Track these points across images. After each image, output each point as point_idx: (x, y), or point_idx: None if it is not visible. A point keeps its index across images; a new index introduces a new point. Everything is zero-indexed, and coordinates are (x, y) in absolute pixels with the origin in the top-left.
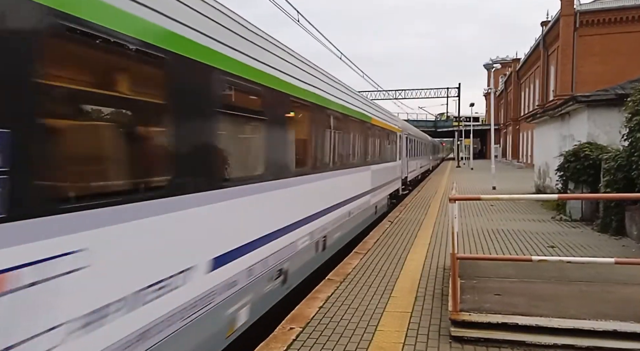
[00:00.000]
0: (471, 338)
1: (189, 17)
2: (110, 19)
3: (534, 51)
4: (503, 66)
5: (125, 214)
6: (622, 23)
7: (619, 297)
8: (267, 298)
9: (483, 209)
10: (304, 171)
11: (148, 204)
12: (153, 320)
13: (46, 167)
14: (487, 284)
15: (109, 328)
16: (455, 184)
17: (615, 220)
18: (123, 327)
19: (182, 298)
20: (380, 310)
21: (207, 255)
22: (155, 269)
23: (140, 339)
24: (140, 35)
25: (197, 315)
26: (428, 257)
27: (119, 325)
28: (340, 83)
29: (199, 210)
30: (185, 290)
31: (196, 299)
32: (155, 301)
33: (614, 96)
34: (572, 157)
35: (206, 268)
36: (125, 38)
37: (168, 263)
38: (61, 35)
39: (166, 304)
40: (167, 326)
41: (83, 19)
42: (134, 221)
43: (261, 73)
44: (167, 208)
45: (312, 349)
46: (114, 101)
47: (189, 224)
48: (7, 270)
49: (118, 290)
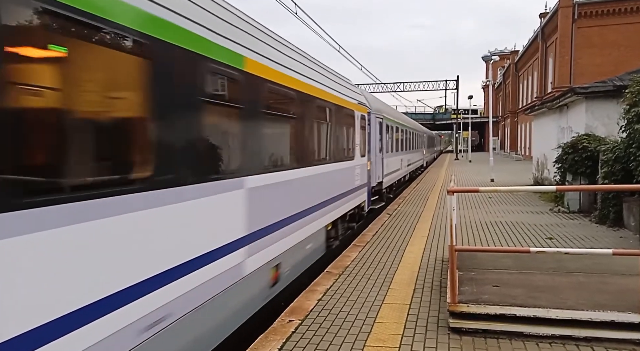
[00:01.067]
0: (469, 330)
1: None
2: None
3: (532, 43)
4: (501, 58)
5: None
6: (621, 14)
7: (616, 288)
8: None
9: (481, 202)
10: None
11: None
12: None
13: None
14: (486, 276)
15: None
16: (454, 176)
17: (613, 211)
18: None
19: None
20: (379, 302)
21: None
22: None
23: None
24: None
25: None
26: (426, 249)
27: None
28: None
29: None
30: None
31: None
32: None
33: (612, 88)
34: (570, 149)
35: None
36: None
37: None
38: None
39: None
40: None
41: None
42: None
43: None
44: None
45: (311, 341)
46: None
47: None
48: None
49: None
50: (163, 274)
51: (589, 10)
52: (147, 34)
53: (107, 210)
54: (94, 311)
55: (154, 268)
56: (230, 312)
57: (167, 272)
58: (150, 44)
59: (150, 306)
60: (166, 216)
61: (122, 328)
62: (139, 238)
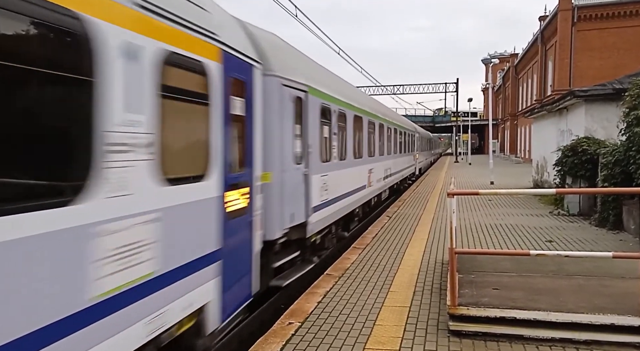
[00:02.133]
0: (469, 332)
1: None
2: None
3: (532, 46)
4: (501, 60)
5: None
6: (620, 18)
7: (616, 291)
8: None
9: (481, 204)
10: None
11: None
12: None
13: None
14: (486, 279)
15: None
16: (454, 179)
17: (613, 214)
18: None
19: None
20: (378, 305)
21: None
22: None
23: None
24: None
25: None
26: (426, 252)
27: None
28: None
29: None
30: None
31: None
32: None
33: (611, 91)
34: (569, 152)
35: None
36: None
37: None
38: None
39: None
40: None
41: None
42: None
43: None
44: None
45: (310, 344)
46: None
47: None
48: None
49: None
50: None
51: (589, 13)
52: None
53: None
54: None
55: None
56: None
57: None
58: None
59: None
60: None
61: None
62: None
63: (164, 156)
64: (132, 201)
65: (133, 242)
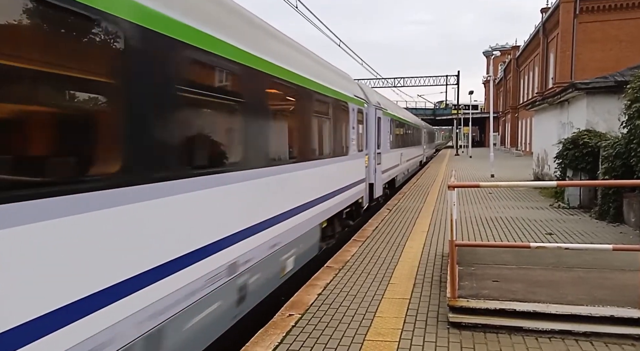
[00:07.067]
0: (469, 324)
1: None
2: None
3: (534, 38)
4: (502, 53)
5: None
6: (622, 10)
7: (616, 283)
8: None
9: (481, 197)
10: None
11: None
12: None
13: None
14: (485, 271)
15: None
16: (454, 172)
17: (613, 207)
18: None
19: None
20: (379, 297)
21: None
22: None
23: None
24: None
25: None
26: (426, 244)
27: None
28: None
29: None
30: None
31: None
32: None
33: (613, 83)
34: (570, 145)
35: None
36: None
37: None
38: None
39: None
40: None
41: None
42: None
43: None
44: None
45: (310, 335)
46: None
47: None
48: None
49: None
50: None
51: (591, 5)
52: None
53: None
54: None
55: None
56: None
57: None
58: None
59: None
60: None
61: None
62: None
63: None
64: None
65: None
